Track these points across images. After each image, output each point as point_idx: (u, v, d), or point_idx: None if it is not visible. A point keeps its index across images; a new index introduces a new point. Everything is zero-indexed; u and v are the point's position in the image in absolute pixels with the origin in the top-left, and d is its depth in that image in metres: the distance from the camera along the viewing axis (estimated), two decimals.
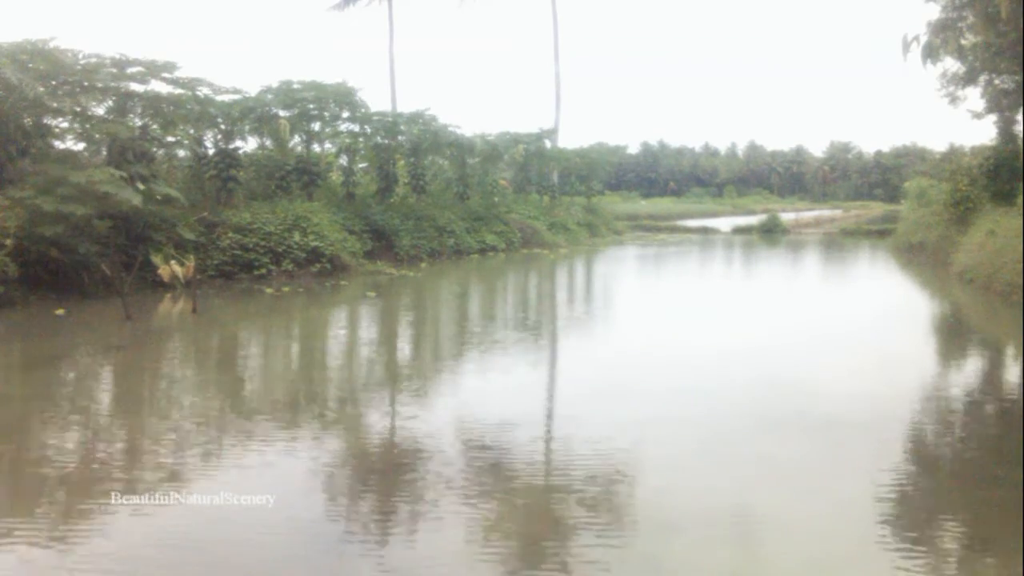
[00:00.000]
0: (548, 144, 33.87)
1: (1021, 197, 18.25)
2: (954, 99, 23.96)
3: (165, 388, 8.41)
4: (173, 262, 15.33)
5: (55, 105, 15.27)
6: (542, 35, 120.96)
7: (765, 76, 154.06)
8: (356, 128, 24.13)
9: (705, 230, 40.87)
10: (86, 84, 15.73)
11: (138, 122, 17.03)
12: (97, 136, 16.53)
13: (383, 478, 5.67)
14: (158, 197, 15.63)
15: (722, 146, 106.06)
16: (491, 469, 5.77)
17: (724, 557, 4.44)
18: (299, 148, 22.76)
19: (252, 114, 20.51)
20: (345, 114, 23.04)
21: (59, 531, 4.77)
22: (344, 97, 22.11)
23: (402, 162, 26.02)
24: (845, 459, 6.09)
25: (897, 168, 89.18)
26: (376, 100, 59.34)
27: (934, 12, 18.82)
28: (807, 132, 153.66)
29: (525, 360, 9.83)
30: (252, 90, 20.85)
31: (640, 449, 6.24)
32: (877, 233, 36.07)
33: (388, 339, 11.73)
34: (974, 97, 24.36)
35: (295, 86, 21.37)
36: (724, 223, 45.47)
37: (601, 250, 28.68)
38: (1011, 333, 12.09)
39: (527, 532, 4.80)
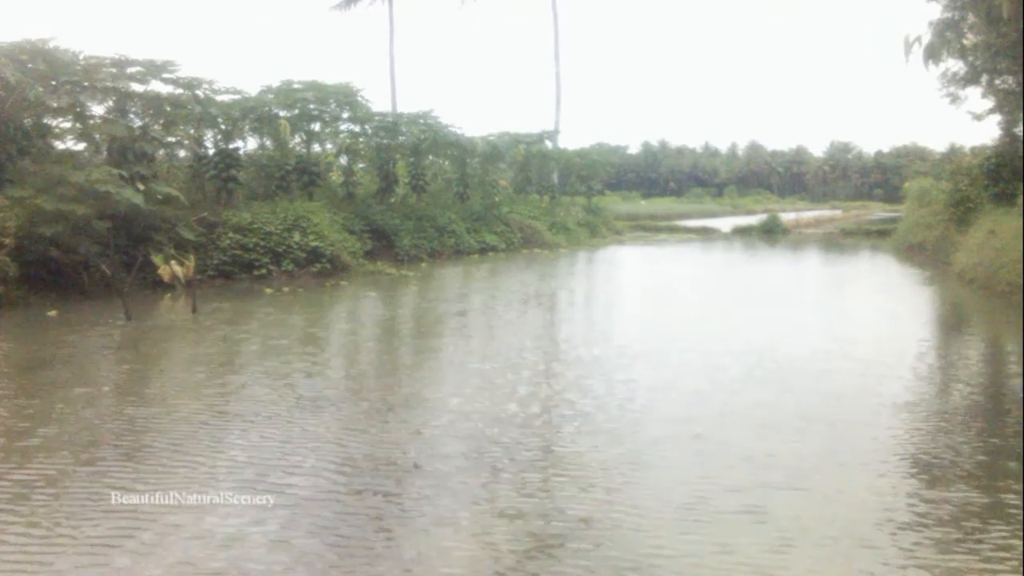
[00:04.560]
0: (548, 144, 33.89)
1: (1022, 197, 18.25)
2: (955, 99, 23.96)
3: (161, 388, 8.38)
4: (173, 262, 15.33)
5: (55, 105, 15.29)
6: (542, 35, 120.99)
7: (765, 76, 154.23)
8: (356, 128, 24.16)
9: (705, 230, 40.83)
10: (86, 84, 15.74)
11: (138, 122, 17.03)
12: (97, 136, 16.55)
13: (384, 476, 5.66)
14: (158, 197, 15.63)
15: (722, 146, 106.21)
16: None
17: None
18: (299, 148, 22.77)
19: (252, 114, 20.52)
20: (345, 114, 23.07)
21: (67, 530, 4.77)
22: (345, 97, 22.13)
23: (402, 162, 26.04)
24: (843, 456, 6.08)
25: (897, 168, 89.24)
26: (377, 100, 59.15)
27: (935, 12, 18.83)
28: (807, 132, 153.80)
29: (532, 359, 9.82)
30: (252, 90, 20.92)
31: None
32: (877, 233, 36.04)
33: (389, 338, 11.71)
34: (975, 97, 24.39)
35: (296, 86, 21.38)
36: (724, 223, 45.45)
37: (602, 250, 28.66)
38: (1011, 333, 12.07)
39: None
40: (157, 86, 17.11)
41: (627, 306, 15.93)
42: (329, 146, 25.02)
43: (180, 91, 17.43)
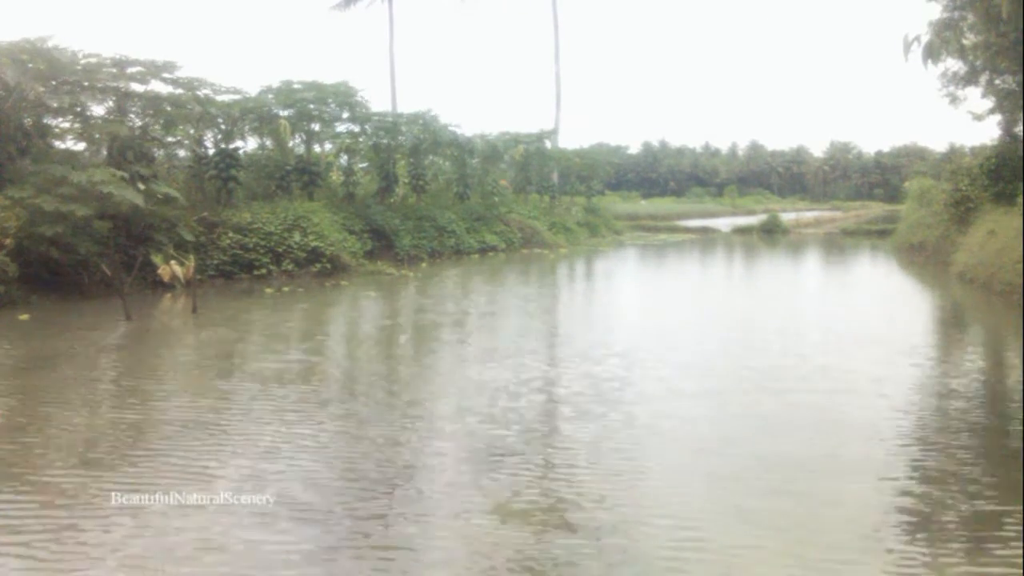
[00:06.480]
0: (548, 144, 33.89)
1: (1022, 197, 18.23)
2: (955, 99, 23.89)
3: (160, 389, 8.39)
4: (173, 262, 15.33)
5: (55, 105, 15.28)
6: (542, 35, 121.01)
7: (765, 76, 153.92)
8: (356, 128, 24.16)
9: (705, 230, 40.82)
10: (86, 84, 15.73)
11: (138, 122, 17.04)
12: (97, 136, 16.54)
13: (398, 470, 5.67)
14: (158, 197, 15.63)
15: (722, 146, 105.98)
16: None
17: None
18: (299, 148, 22.77)
19: (252, 114, 20.51)
20: (345, 114, 23.07)
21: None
22: (344, 97, 22.12)
23: (402, 162, 26.04)
24: (843, 457, 6.10)
25: (897, 168, 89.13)
26: (376, 100, 59.26)
27: (935, 12, 18.78)
28: (807, 132, 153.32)
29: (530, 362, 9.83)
30: (252, 90, 20.91)
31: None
32: (877, 233, 36.03)
33: (390, 338, 11.70)
34: (975, 97, 24.31)
35: (295, 86, 21.38)
36: (724, 223, 45.44)
37: (602, 250, 28.67)
38: (1010, 333, 12.07)
39: None
40: (157, 86, 17.13)
41: (627, 320, 15.89)
42: (329, 146, 25.02)
43: (180, 91, 17.43)
